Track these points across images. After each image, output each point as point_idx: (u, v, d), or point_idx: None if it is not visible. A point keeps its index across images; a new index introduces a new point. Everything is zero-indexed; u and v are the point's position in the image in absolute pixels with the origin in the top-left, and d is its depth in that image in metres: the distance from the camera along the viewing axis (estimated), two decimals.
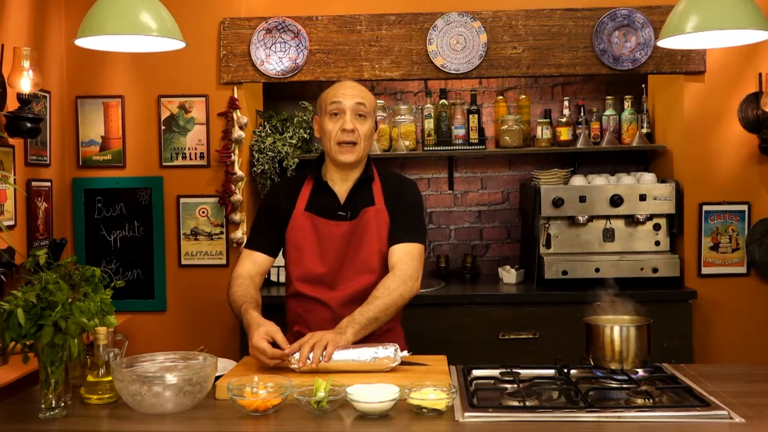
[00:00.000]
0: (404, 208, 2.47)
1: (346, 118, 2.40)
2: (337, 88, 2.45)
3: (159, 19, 2.35)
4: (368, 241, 2.41)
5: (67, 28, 3.81)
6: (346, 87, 2.45)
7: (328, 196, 2.47)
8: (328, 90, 2.49)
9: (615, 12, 3.77)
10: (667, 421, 1.80)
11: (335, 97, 2.42)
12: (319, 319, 2.40)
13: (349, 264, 2.42)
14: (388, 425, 1.79)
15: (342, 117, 2.41)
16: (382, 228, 2.43)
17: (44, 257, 1.96)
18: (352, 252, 2.41)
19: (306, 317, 2.44)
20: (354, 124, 2.40)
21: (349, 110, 2.40)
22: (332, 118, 2.42)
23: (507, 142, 3.98)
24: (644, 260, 3.71)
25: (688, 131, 3.79)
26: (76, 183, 3.88)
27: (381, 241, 2.43)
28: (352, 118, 2.40)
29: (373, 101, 2.49)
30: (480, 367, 2.26)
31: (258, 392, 1.91)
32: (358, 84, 2.51)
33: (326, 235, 2.42)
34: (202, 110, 3.85)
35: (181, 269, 3.88)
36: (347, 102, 2.41)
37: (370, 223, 2.42)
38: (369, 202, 2.45)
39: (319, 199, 2.47)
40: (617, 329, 2.16)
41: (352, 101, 2.41)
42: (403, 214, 2.46)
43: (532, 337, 3.58)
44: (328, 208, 2.45)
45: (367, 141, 2.45)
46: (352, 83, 2.49)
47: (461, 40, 3.79)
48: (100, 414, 1.93)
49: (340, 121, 2.40)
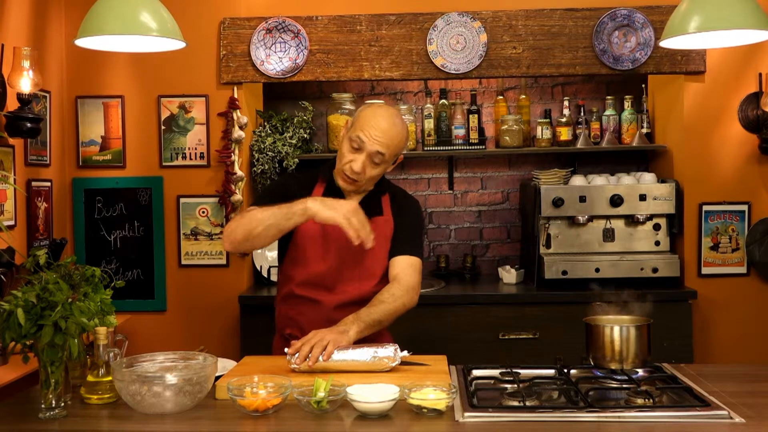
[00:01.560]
0: (408, 224, 2.50)
1: (360, 158, 2.33)
2: (371, 125, 2.33)
3: (159, 19, 2.35)
4: (373, 249, 2.36)
5: (67, 28, 3.81)
6: (379, 129, 2.33)
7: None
8: (368, 114, 2.38)
9: (615, 12, 3.77)
10: (667, 421, 1.80)
11: (362, 131, 2.33)
12: (311, 321, 2.37)
13: (351, 269, 2.41)
14: (388, 425, 1.79)
15: (358, 153, 2.34)
16: (388, 238, 2.45)
17: (44, 257, 1.96)
18: (357, 257, 2.40)
19: (298, 319, 2.42)
20: (364, 168, 2.34)
21: (367, 154, 2.33)
22: (351, 147, 2.35)
23: (507, 142, 3.98)
24: (644, 260, 3.71)
25: (688, 131, 3.79)
26: (76, 183, 3.88)
27: (385, 250, 2.44)
28: (365, 162, 2.34)
29: (399, 147, 2.38)
30: (480, 367, 2.26)
31: (258, 392, 1.91)
32: (394, 125, 2.36)
33: (333, 236, 2.38)
34: (202, 110, 3.85)
35: (181, 269, 3.88)
36: (368, 146, 2.32)
37: (377, 232, 2.37)
38: (378, 212, 2.46)
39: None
40: (617, 329, 2.16)
41: (373, 149, 2.32)
42: (406, 229, 2.49)
43: (532, 337, 3.58)
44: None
45: (373, 181, 2.42)
46: (387, 126, 2.34)
47: (461, 40, 3.79)
48: (100, 414, 1.93)
49: (355, 156, 2.34)
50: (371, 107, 2.43)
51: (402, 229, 2.48)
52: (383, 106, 2.47)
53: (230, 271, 3.88)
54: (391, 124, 2.35)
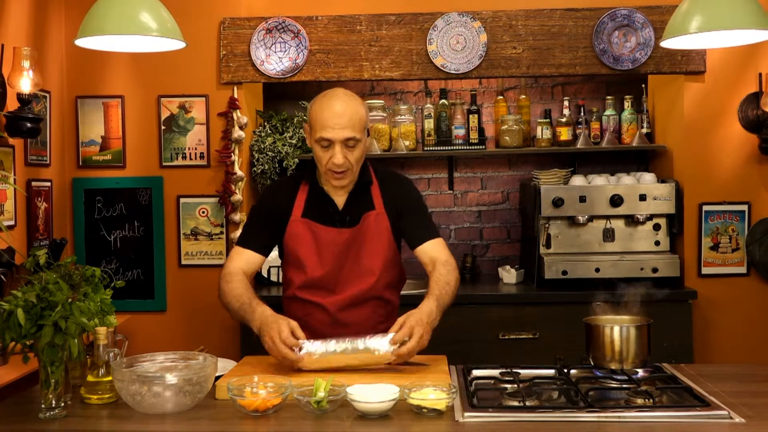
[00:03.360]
0: (412, 208, 2.47)
1: (336, 150, 2.30)
2: (326, 116, 2.30)
3: (159, 19, 2.35)
4: (369, 246, 2.39)
5: (67, 28, 3.81)
6: (334, 117, 2.29)
7: (326, 203, 2.44)
8: (316, 110, 2.34)
9: (615, 12, 3.77)
10: (667, 421, 1.80)
11: (323, 129, 2.30)
12: (319, 321, 2.40)
13: (349, 269, 2.40)
14: (388, 425, 1.79)
15: (331, 148, 2.31)
16: (383, 232, 2.42)
17: (44, 257, 1.96)
18: (353, 257, 2.40)
19: (306, 320, 2.40)
20: (344, 156, 2.31)
21: (339, 144, 2.30)
22: (322, 148, 2.33)
23: (507, 142, 3.98)
24: (644, 260, 3.71)
25: (688, 131, 3.79)
26: (76, 183, 3.88)
27: (382, 244, 2.42)
28: (341, 151, 2.30)
29: (363, 121, 2.33)
30: (480, 367, 2.26)
31: (258, 392, 1.91)
32: (349, 103, 2.32)
33: (326, 242, 2.40)
34: (202, 110, 3.85)
35: (181, 269, 3.88)
36: (335, 137, 2.29)
37: (371, 229, 2.40)
38: (369, 207, 2.42)
39: (316, 206, 2.44)
40: (617, 329, 2.16)
41: (341, 136, 2.29)
42: (413, 214, 2.46)
43: (532, 337, 3.58)
44: (326, 216, 2.42)
45: (359, 162, 2.37)
46: (342, 106, 2.30)
47: (461, 40, 3.79)
48: (100, 414, 1.93)
49: (330, 152, 2.31)
50: (316, 102, 2.36)
51: (409, 216, 2.45)
52: (326, 94, 2.37)
53: None
54: (344, 104, 2.31)
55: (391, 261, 2.45)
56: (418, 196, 2.54)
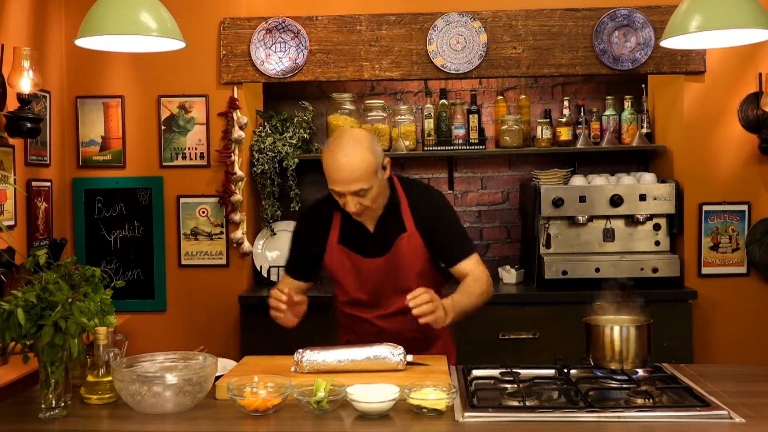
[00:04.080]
0: (443, 226, 2.47)
1: (347, 200, 2.30)
2: (332, 172, 2.28)
3: (159, 19, 2.35)
4: (404, 267, 2.45)
5: (67, 28, 3.81)
6: (340, 171, 2.26)
7: (358, 229, 2.46)
8: (325, 159, 2.31)
9: (615, 12, 3.77)
10: (667, 421, 1.80)
11: (333, 183, 2.29)
12: (365, 331, 2.50)
13: (388, 288, 2.46)
14: (388, 425, 1.79)
15: (344, 197, 2.31)
16: (417, 251, 2.45)
17: (44, 257, 1.96)
18: (390, 279, 2.45)
19: (354, 328, 2.54)
20: (356, 204, 2.30)
21: (348, 195, 2.29)
22: (336, 194, 2.34)
23: (507, 142, 3.98)
24: (644, 260, 3.71)
25: (688, 131, 3.79)
26: (76, 183, 3.88)
27: (418, 262, 2.46)
28: (353, 200, 2.30)
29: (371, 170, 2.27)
30: (480, 367, 2.26)
31: (258, 392, 1.91)
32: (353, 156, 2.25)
33: (363, 269, 2.46)
34: (202, 110, 3.85)
35: (181, 269, 3.88)
36: (343, 190, 2.28)
37: (404, 252, 2.43)
38: (400, 229, 2.44)
39: (350, 231, 2.46)
40: (617, 329, 2.16)
41: (348, 190, 2.27)
42: (445, 234, 2.47)
43: (532, 337, 3.58)
44: (360, 243, 2.45)
45: (376, 200, 2.36)
46: (346, 161, 2.25)
47: (461, 40, 3.79)
48: (100, 414, 1.93)
49: (344, 199, 2.32)
50: (327, 150, 2.32)
51: (442, 237, 2.46)
52: (336, 141, 2.32)
53: (230, 271, 3.88)
54: (348, 157, 2.26)
55: (428, 273, 2.49)
56: (447, 212, 2.53)
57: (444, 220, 2.49)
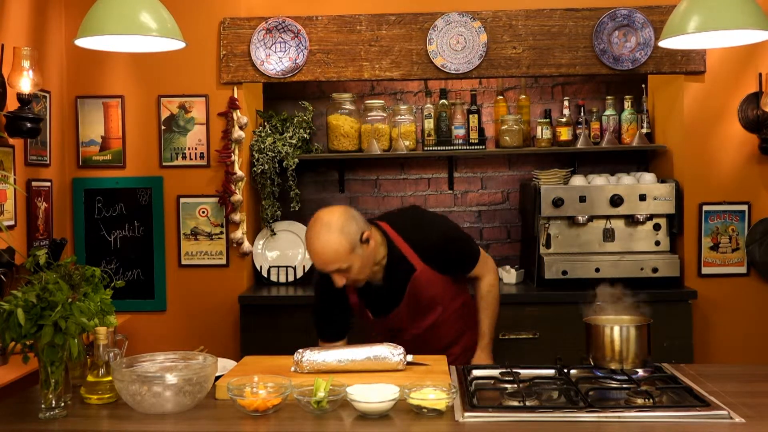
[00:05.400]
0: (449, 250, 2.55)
1: (333, 277, 2.38)
2: (311, 256, 2.38)
3: (159, 19, 2.35)
4: (426, 298, 2.54)
5: (67, 28, 3.81)
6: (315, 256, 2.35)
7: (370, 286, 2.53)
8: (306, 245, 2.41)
9: (615, 12, 3.77)
10: (667, 421, 1.80)
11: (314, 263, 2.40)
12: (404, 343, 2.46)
13: (414, 317, 2.57)
14: (388, 425, 1.79)
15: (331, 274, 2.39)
16: (433, 281, 2.52)
17: (44, 257, 1.96)
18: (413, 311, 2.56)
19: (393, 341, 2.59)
20: (341, 279, 2.38)
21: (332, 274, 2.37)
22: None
23: (507, 142, 3.98)
24: (644, 260, 3.71)
25: (688, 131, 3.79)
26: (76, 183, 3.88)
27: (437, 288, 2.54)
28: (338, 277, 2.38)
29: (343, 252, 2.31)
30: (480, 367, 2.27)
31: (258, 392, 1.91)
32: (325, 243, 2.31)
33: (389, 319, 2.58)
34: (202, 110, 3.85)
35: (181, 269, 3.88)
36: (324, 270, 2.38)
37: (421, 288, 2.52)
38: (409, 271, 2.49)
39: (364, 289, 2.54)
40: (617, 329, 2.16)
41: (326, 270, 2.37)
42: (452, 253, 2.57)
43: (532, 337, 3.58)
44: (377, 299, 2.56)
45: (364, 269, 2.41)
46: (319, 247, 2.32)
47: (461, 40, 3.79)
48: (100, 414, 1.94)
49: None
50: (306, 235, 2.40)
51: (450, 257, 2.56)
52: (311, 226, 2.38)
53: (230, 271, 3.88)
54: (322, 243, 2.32)
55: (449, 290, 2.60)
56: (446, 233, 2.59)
57: (446, 243, 2.56)
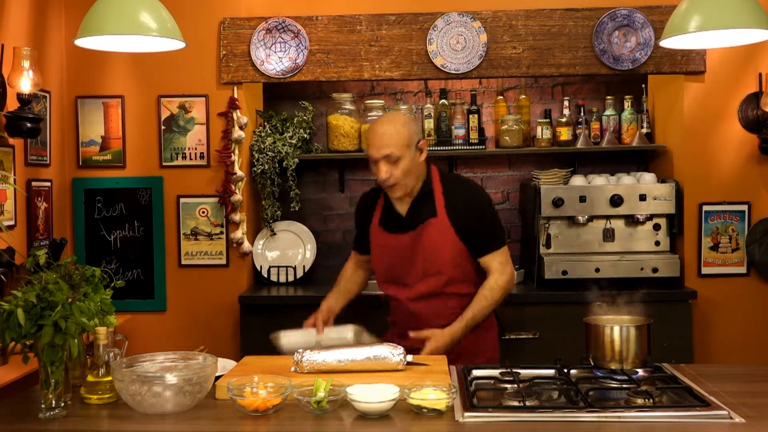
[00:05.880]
0: (474, 218, 2.64)
1: (379, 167, 2.58)
2: (370, 137, 2.61)
3: (159, 19, 2.35)
4: (433, 249, 2.62)
5: (67, 28, 3.81)
6: (375, 137, 2.58)
7: (393, 213, 2.72)
8: (368, 131, 2.67)
9: (615, 12, 3.77)
10: (667, 421, 1.80)
11: (368, 148, 2.61)
12: (399, 312, 2.74)
13: (414, 269, 2.65)
14: (388, 425, 1.79)
15: (378, 165, 2.58)
16: (446, 236, 2.62)
17: (44, 257, 1.96)
18: (420, 260, 2.64)
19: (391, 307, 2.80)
20: (387, 171, 2.57)
21: (380, 161, 2.57)
22: (372, 164, 2.62)
23: (507, 142, 3.98)
24: (644, 260, 3.71)
25: (688, 131, 3.79)
26: (76, 183, 3.88)
27: (446, 247, 2.62)
28: (384, 167, 2.57)
29: (403, 140, 2.56)
30: (480, 367, 2.27)
31: (258, 392, 1.91)
32: (390, 125, 2.59)
33: (391, 246, 2.69)
34: (202, 110, 3.85)
35: (181, 269, 3.88)
36: (375, 155, 2.57)
37: (431, 235, 2.62)
38: (430, 214, 2.64)
39: (387, 215, 2.74)
40: (617, 329, 2.16)
41: (379, 154, 2.56)
42: (475, 225, 2.64)
43: (532, 337, 3.58)
44: (392, 224, 2.71)
45: (408, 175, 2.60)
46: (382, 129, 2.58)
47: (461, 40, 3.79)
48: (100, 414, 1.94)
49: (377, 168, 2.60)
50: (371, 125, 2.65)
51: (472, 228, 2.63)
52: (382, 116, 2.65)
53: (230, 271, 3.88)
54: (385, 126, 2.59)
55: (458, 260, 2.64)
56: (482, 205, 2.70)
57: (476, 212, 2.65)
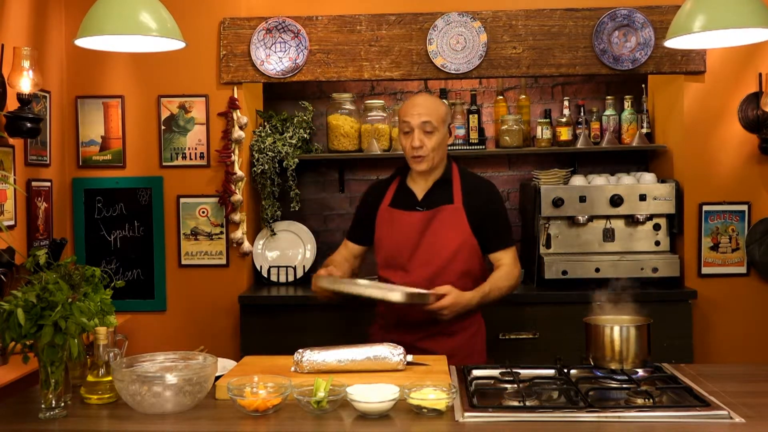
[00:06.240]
0: (488, 215, 2.71)
1: (414, 135, 2.63)
2: (408, 107, 2.68)
3: (159, 19, 2.35)
4: (443, 234, 2.65)
5: (67, 28, 3.81)
6: (414, 105, 2.66)
7: (409, 195, 2.76)
8: (403, 105, 2.74)
9: (615, 12, 3.77)
10: (667, 421, 1.80)
11: (405, 116, 2.66)
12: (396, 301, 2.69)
13: (421, 252, 2.66)
14: (388, 425, 1.79)
15: (411, 134, 2.64)
16: (459, 224, 2.66)
17: (44, 257, 1.96)
18: (427, 242, 2.66)
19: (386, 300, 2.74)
20: (421, 141, 2.63)
21: (417, 128, 2.63)
22: (405, 135, 2.67)
23: (507, 142, 3.98)
24: (644, 260, 3.71)
25: (688, 131, 3.79)
26: (76, 183, 3.88)
27: (456, 235, 2.65)
28: (419, 135, 2.63)
29: (441, 114, 2.67)
30: (480, 367, 2.27)
31: (258, 392, 1.91)
32: (428, 98, 2.71)
33: (401, 223, 2.70)
34: (202, 110, 3.85)
35: (181, 269, 3.88)
36: (413, 121, 2.63)
37: (445, 219, 2.67)
38: (447, 201, 2.70)
39: (401, 197, 2.77)
40: (617, 329, 2.16)
41: (418, 120, 2.62)
42: (489, 222, 2.70)
43: (532, 337, 3.58)
44: (407, 203, 2.74)
45: (437, 151, 2.67)
46: (422, 99, 2.69)
47: (461, 40, 3.79)
48: (100, 414, 1.94)
49: (410, 137, 2.65)
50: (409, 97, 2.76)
51: (487, 221, 2.69)
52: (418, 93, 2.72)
53: (230, 271, 3.88)
54: (425, 97, 2.72)
55: (464, 252, 2.66)
56: (497, 203, 2.78)
57: (491, 208, 2.72)
